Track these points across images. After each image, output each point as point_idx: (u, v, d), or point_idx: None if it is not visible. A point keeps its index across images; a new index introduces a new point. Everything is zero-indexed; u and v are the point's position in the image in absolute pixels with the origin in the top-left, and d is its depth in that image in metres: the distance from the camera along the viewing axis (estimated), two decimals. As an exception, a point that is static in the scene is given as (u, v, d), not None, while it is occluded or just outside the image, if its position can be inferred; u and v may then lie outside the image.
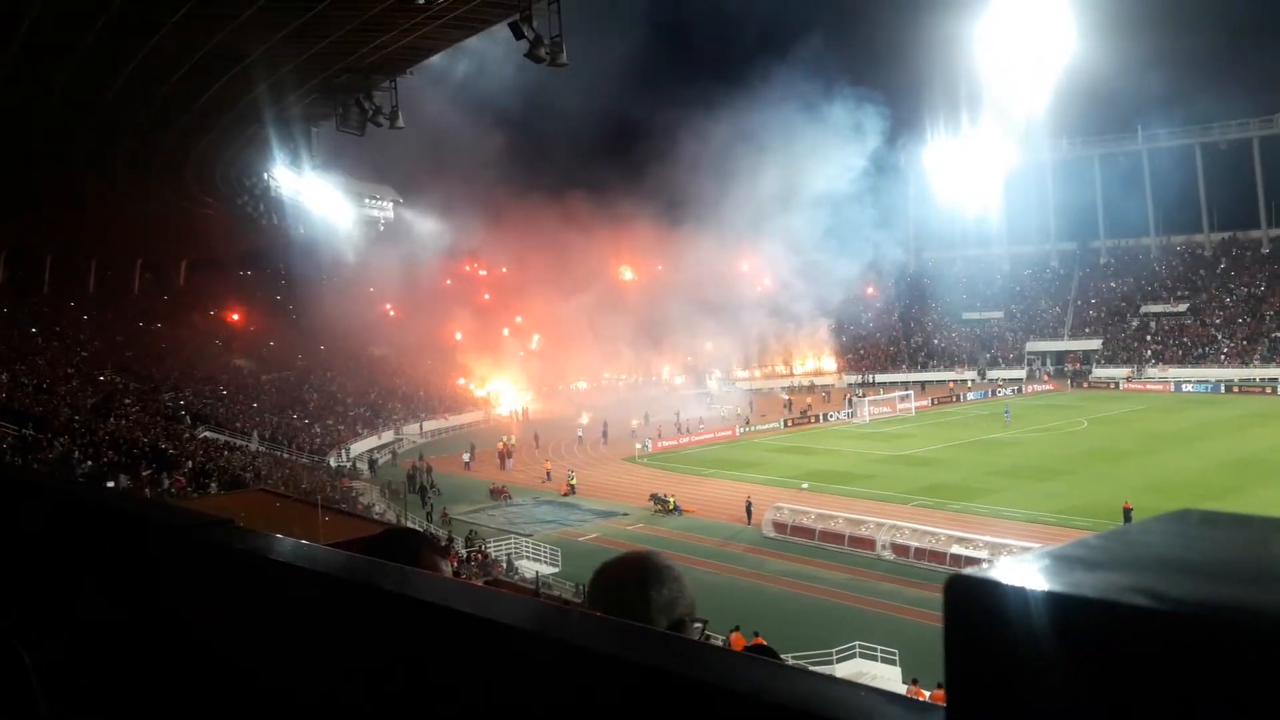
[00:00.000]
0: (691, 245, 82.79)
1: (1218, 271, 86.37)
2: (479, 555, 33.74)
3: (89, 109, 31.22)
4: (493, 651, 1.13)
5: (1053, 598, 0.63)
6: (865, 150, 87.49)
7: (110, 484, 30.78)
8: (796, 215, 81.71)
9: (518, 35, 23.48)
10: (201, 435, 48.46)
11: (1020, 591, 0.65)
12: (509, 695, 1.10)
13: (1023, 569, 0.67)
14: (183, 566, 1.75)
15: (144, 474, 35.10)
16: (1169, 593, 0.59)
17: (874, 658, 23.40)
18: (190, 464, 38.54)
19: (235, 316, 73.89)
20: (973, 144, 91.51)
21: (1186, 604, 0.57)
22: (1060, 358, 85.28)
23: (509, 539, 37.39)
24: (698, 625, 1.90)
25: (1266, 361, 73.13)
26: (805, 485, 43.89)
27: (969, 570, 0.69)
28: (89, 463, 34.36)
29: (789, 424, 65.46)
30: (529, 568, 33.55)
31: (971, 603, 0.68)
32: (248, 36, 25.73)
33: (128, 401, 49.23)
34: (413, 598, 1.31)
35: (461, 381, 76.05)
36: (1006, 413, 60.20)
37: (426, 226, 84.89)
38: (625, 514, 41.70)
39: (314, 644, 1.47)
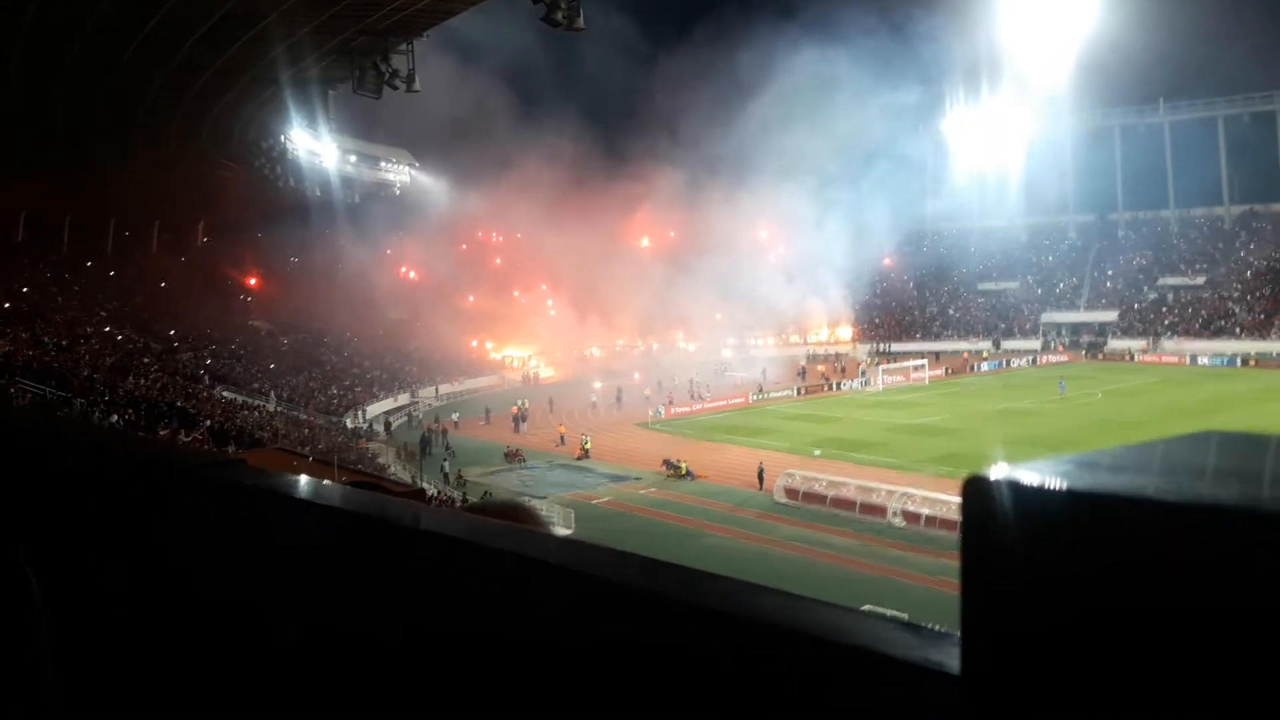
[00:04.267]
0: (707, 212, 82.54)
1: (1236, 244, 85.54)
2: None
3: (107, 70, 31.26)
4: (508, 583, 1.18)
5: (1076, 495, 0.61)
6: (883, 118, 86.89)
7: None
8: (814, 183, 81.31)
9: (534, -2, 23.38)
10: (220, 395, 48.89)
11: (1043, 490, 0.62)
12: (523, 626, 1.15)
13: (1043, 471, 0.64)
14: (196, 503, 1.83)
15: (162, 432, 35.46)
16: (1198, 491, 0.58)
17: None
18: (209, 423, 38.91)
19: (253, 278, 74.25)
20: (992, 113, 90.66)
21: (1218, 500, 0.56)
22: (1076, 329, 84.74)
23: (523, 501, 37.61)
24: None
25: (1284, 335, 72.55)
26: (817, 452, 43.97)
27: (990, 470, 0.66)
28: (114, 418, 34.74)
29: (802, 392, 65.49)
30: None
31: (992, 503, 0.65)
32: (265, -3, 25.70)
33: (146, 361, 49.66)
34: (428, 531, 1.39)
35: (476, 343, 76.31)
36: (1061, 384, 58.83)
37: (442, 191, 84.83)
38: (638, 478, 41.91)
39: (327, 578, 1.54)
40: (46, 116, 35.99)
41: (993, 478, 0.66)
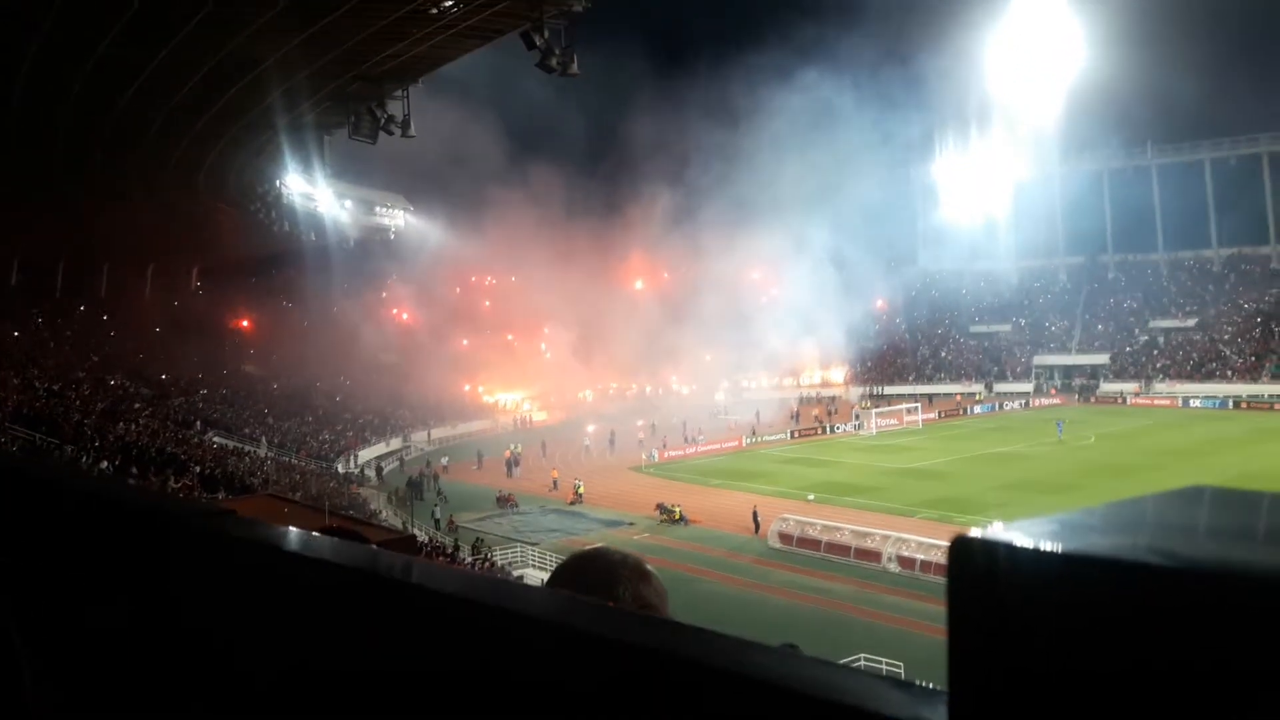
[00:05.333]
0: (700, 255, 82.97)
1: (1226, 287, 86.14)
2: (486, 564, 33.79)
3: (104, 115, 31.45)
4: (502, 640, 1.15)
5: (1063, 557, 0.61)
6: (873, 162, 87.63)
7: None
8: (806, 227, 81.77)
9: (529, 45, 23.66)
10: (211, 440, 48.67)
11: (1030, 552, 0.62)
12: (517, 684, 1.12)
13: (1030, 531, 0.64)
14: (184, 554, 1.81)
15: (153, 478, 35.21)
16: (1182, 553, 0.57)
17: (879, 671, 23.34)
18: (199, 469, 38.68)
19: (246, 323, 74.28)
20: (981, 157, 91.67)
21: (1200, 563, 0.56)
22: (1068, 372, 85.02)
23: (515, 547, 37.42)
24: None
25: (1275, 378, 72.65)
26: (812, 497, 43.84)
27: (975, 531, 0.66)
28: (104, 464, 34.52)
29: (796, 435, 65.44)
30: (535, 576, 33.54)
31: (978, 564, 0.64)
32: (261, 44, 25.94)
33: (138, 406, 49.45)
34: (419, 585, 1.37)
35: (469, 387, 76.26)
36: (1059, 425, 58.53)
37: (436, 235, 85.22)
38: (631, 523, 41.70)
39: (316, 631, 1.52)
40: (43, 160, 36.14)
41: (980, 538, 0.65)
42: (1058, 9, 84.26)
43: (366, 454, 58.65)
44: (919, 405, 70.64)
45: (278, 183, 51.01)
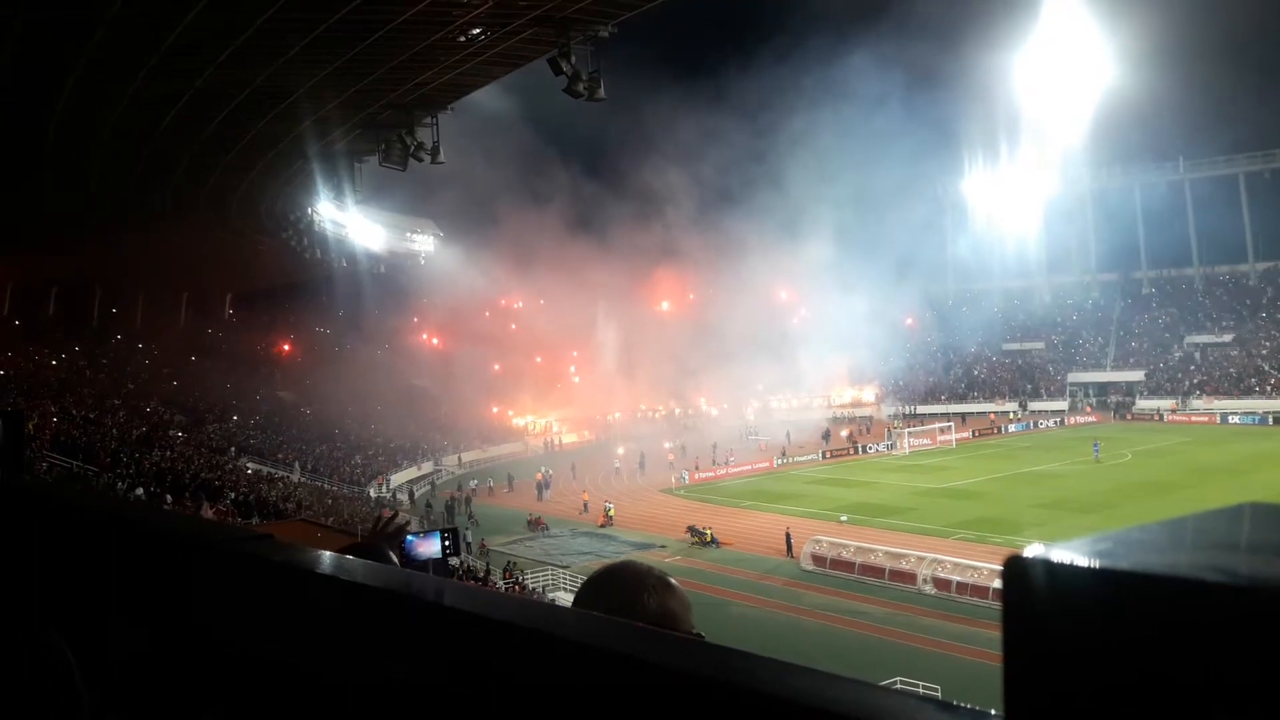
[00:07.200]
0: (729, 276, 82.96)
1: (1264, 301, 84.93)
2: (517, 587, 33.76)
3: (138, 147, 31.95)
4: (528, 660, 1.15)
5: (1119, 575, 0.61)
6: (903, 180, 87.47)
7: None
8: (835, 245, 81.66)
9: (556, 71, 23.81)
10: (245, 466, 49.05)
11: (1088, 569, 0.62)
12: (543, 704, 1.12)
13: (1085, 549, 0.64)
14: (225, 577, 1.83)
15: (188, 504, 35.50)
16: (1243, 570, 0.57)
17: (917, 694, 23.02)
18: (234, 494, 38.96)
19: (279, 349, 74.99)
20: (1012, 174, 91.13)
21: (1260, 580, 0.56)
22: (1103, 389, 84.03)
23: (546, 570, 37.37)
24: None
25: (1316, 393, 71.58)
26: (844, 518, 43.47)
27: (1029, 550, 0.66)
28: (139, 490, 34.87)
29: (827, 455, 65.04)
30: (565, 599, 33.43)
31: (1033, 583, 0.64)
32: (292, 74, 26.29)
33: (173, 433, 49.95)
34: (448, 606, 1.36)
35: (498, 410, 76.50)
36: (1095, 446, 57.25)
37: (466, 259, 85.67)
38: (663, 546, 41.52)
39: (349, 650, 1.53)
40: (78, 194, 36.72)
41: (1035, 557, 0.65)
42: (1087, 24, 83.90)
43: (398, 478, 58.96)
44: (952, 424, 70.03)
45: (309, 210, 51.53)
